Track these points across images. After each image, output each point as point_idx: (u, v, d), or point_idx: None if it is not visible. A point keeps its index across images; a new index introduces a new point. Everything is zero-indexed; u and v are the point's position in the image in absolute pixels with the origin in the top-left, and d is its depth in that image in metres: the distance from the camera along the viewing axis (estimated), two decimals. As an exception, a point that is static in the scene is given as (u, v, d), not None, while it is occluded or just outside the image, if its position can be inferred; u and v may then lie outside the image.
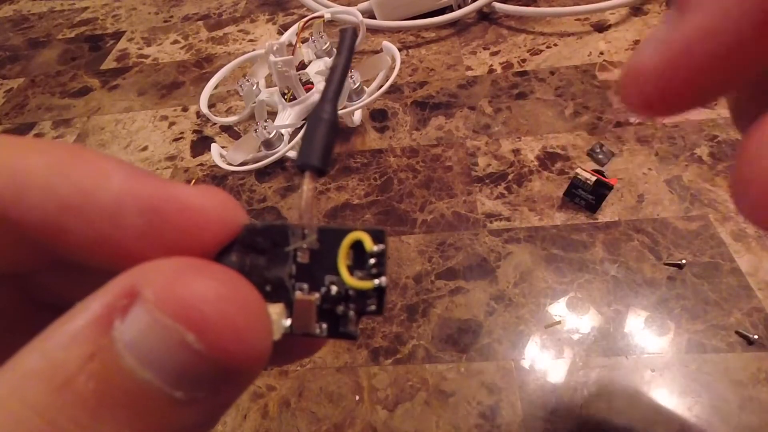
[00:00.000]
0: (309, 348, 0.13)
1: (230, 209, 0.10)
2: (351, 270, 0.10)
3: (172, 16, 0.70)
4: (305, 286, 0.10)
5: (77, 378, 0.08)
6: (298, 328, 0.10)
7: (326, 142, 0.11)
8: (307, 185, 0.11)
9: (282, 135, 0.43)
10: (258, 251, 0.11)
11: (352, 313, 0.10)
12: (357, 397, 0.30)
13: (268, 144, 0.42)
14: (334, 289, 0.10)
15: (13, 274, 0.11)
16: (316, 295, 0.10)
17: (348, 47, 0.12)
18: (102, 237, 0.09)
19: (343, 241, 0.10)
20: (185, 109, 0.53)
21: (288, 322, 0.10)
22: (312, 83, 0.46)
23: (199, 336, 0.08)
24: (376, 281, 0.10)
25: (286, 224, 0.11)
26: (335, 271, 0.10)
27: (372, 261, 0.10)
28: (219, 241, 0.10)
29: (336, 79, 0.12)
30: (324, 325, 0.10)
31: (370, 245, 0.10)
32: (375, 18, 0.57)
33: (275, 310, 0.10)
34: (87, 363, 0.08)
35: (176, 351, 0.08)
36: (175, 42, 0.64)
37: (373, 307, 0.10)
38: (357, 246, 0.10)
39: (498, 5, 0.56)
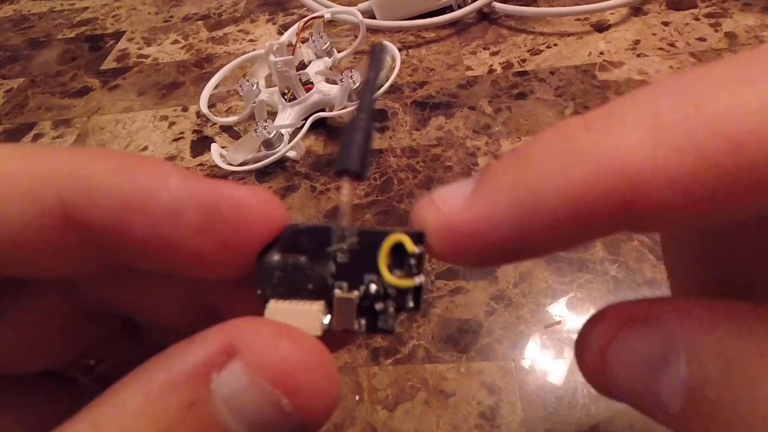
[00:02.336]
0: (343, 342, 0.14)
1: (277, 208, 0.11)
2: (390, 269, 0.11)
3: (172, 16, 0.70)
4: (344, 284, 0.11)
5: (179, 423, 0.09)
6: (338, 324, 0.11)
7: (363, 148, 0.12)
8: (346, 190, 0.11)
9: (282, 135, 0.43)
10: (300, 251, 0.11)
11: (391, 309, 0.11)
12: (357, 397, 0.30)
13: (268, 144, 0.42)
14: (373, 287, 0.11)
15: (69, 279, 0.12)
16: (356, 293, 0.11)
17: (377, 64, 0.13)
18: (162, 233, 0.10)
19: (384, 243, 0.11)
20: (185, 109, 0.54)
21: (328, 318, 0.11)
22: (312, 83, 0.46)
23: (292, 400, 0.09)
24: (416, 279, 0.11)
25: (329, 226, 0.11)
26: (375, 271, 0.11)
27: (413, 261, 0.11)
28: (266, 237, 0.11)
29: (368, 93, 0.13)
30: (363, 321, 0.11)
31: (411, 246, 0.11)
32: (375, 18, 0.57)
33: (316, 307, 0.11)
34: (188, 410, 0.09)
35: (268, 410, 0.09)
36: (175, 42, 0.64)
37: (411, 304, 0.11)
38: (395, 247, 0.11)
39: (498, 5, 0.56)
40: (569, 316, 0.32)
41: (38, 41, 0.70)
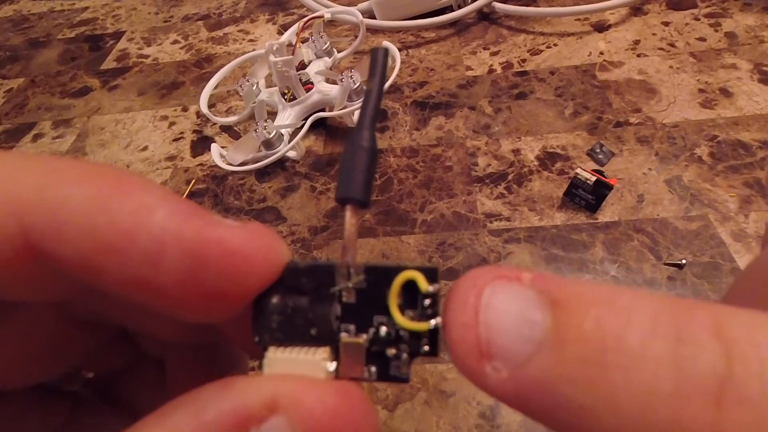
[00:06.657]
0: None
1: (275, 251, 0.10)
2: (402, 309, 0.10)
3: (172, 16, 0.70)
4: (352, 327, 0.10)
5: None
6: (345, 372, 0.10)
7: (367, 172, 0.10)
8: (349, 220, 0.10)
9: (282, 135, 0.43)
10: (301, 292, 0.10)
11: (405, 355, 0.10)
12: (357, 397, 0.30)
13: (268, 144, 0.42)
14: (383, 330, 0.10)
15: (50, 302, 0.11)
16: (364, 337, 0.10)
17: (380, 69, 0.11)
18: (139, 279, 0.09)
19: (394, 281, 0.10)
20: (185, 109, 0.53)
21: (333, 366, 0.10)
22: (312, 83, 0.46)
23: None
24: (432, 322, 0.10)
25: (332, 263, 0.10)
26: (384, 311, 0.10)
27: (427, 301, 0.10)
28: (262, 285, 0.10)
29: (372, 104, 0.11)
30: (372, 368, 0.10)
31: (425, 285, 0.10)
32: (375, 18, 0.57)
33: (320, 355, 0.10)
34: None
35: None
36: (175, 42, 0.64)
37: (427, 348, 0.10)
38: (406, 284, 0.10)
39: (498, 5, 0.56)
40: (569, 316, 0.32)
41: (38, 41, 0.70)
